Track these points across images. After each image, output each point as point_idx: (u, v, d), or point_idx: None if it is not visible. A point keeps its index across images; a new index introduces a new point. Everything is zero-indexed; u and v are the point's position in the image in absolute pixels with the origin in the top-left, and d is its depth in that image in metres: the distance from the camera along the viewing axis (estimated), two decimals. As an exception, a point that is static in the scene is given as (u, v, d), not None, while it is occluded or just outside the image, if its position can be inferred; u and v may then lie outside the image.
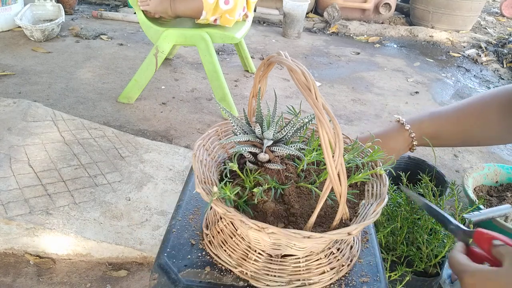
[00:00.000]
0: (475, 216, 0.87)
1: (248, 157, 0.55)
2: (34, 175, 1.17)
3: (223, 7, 1.62)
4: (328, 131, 0.42)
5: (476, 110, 0.80)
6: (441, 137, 0.83)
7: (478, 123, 0.79)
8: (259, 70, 0.54)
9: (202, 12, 1.60)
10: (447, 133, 0.82)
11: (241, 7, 1.69)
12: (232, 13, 1.65)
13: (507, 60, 2.94)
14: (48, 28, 2.32)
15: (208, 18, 1.64)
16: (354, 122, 1.93)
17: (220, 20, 1.68)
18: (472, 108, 0.81)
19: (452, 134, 0.82)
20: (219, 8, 1.61)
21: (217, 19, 1.68)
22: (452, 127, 0.82)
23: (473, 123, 0.80)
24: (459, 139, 0.84)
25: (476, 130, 0.80)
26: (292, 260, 0.53)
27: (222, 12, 1.64)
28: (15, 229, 1.02)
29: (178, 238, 0.58)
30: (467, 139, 0.83)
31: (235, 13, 1.65)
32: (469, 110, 0.81)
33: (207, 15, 1.62)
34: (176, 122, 1.74)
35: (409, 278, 0.80)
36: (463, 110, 0.82)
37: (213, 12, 1.62)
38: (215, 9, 1.61)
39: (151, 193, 1.21)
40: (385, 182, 0.56)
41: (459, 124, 0.81)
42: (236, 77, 2.23)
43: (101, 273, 1.04)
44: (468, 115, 0.81)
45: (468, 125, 0.81)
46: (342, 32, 3.34)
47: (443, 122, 0.82)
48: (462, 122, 0.81)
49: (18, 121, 1.37)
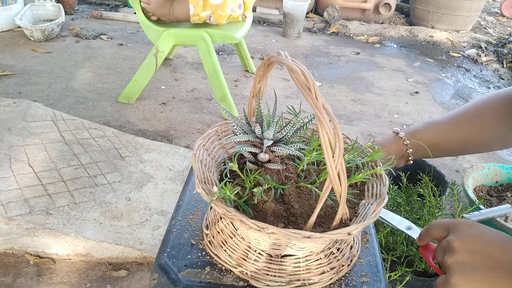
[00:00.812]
0: (475, 216, 0.87)
1: (248, 157, 0.55)
2: (34, 175, 1.17)
3: (213, 2, 1.62)
4: (328, 131, 0.42)
5: (472, 116, 0.79)
6: (440, 145, 0.81)
7: (475, 128, 0.79)
8: (259, 70, 0.54)
9: (189, 6, 1.60)
10: (445, 140, 0.81)
11: (232, 1, 1.68)
12: (224, 9, 1.65)
13: (507, 60, 2.94)
14: (48, 28, 2.32)
15: (199, 14, 1.63)
16: (354, 122, 1.93)
17: (214, 17, 1.68)
18: (468, 114, 0.80)
19: (450, 142, 0.81)
20: (209, 3, 1.61)
21: (211, 17, 1.67)
22: (449, 134, 0.81)
23: (470, 128, 0.79)
24: (458, 147, 0.82)
25: (474, 136, 0.79)
26: (292, 260, 0.53)
27: (214, 8, 1.64)
28: (15, 229, 1.02)
29: (178, 238, 0.58)
30: (466, 146, 0.82)
31: (226, 8, 1.65)
32: (465, 116, 0.80)
33: (195, 10, 1.61)
34: (176, 122, 1.74)
35: (409, 278, 0.80)
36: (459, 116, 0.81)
37: (203, 7, 1.62)
38: (205, 4, 1.61)
39: (151, 193, 1.21)
40: (385, 182, 0.56)
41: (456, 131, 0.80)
42: (236, 77, 2.24)
43: (101, 273, 1.04)
44: (465, 121, 0.80)
45: (465, 131, 0.79)
46: (342, 32, 3.34)
47: (440, 129, 0.81)
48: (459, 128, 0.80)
49: (18, 121, 1.37)
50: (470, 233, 0.52)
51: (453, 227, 0.54)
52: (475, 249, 0.50)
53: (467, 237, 0.51)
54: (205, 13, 1.64)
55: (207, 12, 1.65)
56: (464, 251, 0.50)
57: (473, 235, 0.51)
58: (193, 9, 1.61)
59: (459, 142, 0.81)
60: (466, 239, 0.51)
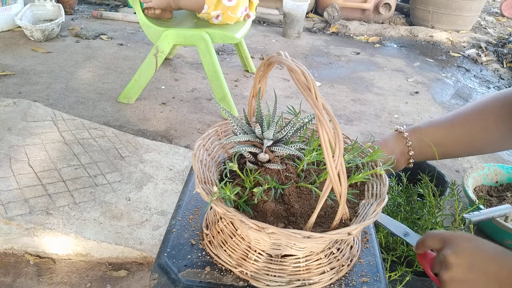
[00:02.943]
0: (475, 216, 0.87)
1: (248, 157, 0.55)
2: (34, 175, 1.17)
3: (226, 4, 1.62)
4: (328, 131, 0.42)
5: (474, 116, 0.79)
6: (442, 144, 0.81)
7: (477, 128, 0.78)
8: (259, 70, 0.54)
9: (204, 5, 1.60)
10: (447, 140, 0.80)
11: (243, 5, 1.69)
12: (235, 11, 1.66)
13: (507, 60, 2.94)
14: (48, 28, 2.32)
15: (210, 13, 1.64)
16: (354, 122, 1.93)
17: (222, 17, 1.68)
18: (469, 113, 0.79)
19: (452, 141, 0.80)
20: (222, 4, 1.62)
21: (219, 16, 1.68)
22: (450, 133, 0.80)
23: (472, 128, 0.78)
24: (461, 147, 0.81)
25: (475, 136, 0.79)
26: (292, 260, 0.53)
27: (225, 9, 1.64)
28: (15, 229, 1.02)
29: (178, 238, 0.58)
30: (468, 147, 0.81)
31: (237, 10, 1.66)
32: (467, 115, 0.80)
33: (209, 9, 1.62)
34: (176, 122, 1.74)
35: (409, 278, 0.80)
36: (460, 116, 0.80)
37: (215, 7, 1.62)
38: (218, 4, 1.62)
39: (151, 193, 1.21)
40: (385, 182, 0.56)
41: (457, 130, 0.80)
42: (236, 77, 2.23)
43: (101, 273, 1.04)
44: (466, 121, 0.79)
45: (466, 131, 0.79)
46: (342, 32, 3.34)
47: (441, 128, 0.81)
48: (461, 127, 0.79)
49: (18, 121, 1.37)
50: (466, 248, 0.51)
51: (449, 240, 0.53)
52: (471, 265, 0.49)
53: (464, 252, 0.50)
54: (215, 12, 1.65)
55: (217, 12, 1.65)
56: (460, 266, 0.49)
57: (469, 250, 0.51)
58: (207, 8, 1.62)
59: (460, 143, 0.80)
60: (462, 254, 0.50)
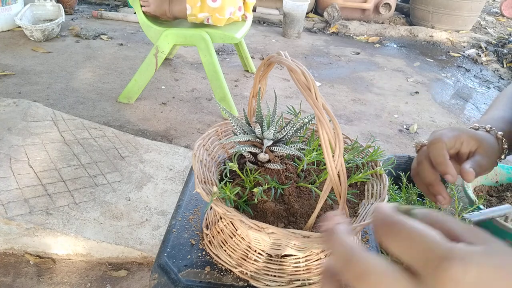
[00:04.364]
0: (475, 216, 0.87)
1: (248, 157, 0.55)
2: (34, 175, 1.17)
3: (211, 5, 1.62)
4: (328, 131, 0.42)
5: None
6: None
7: None
8: (259, 70, 0.54)
9: (187, 6, 1.61)
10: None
11: (230, 5, 1.69)
12: (221, 12, 1.65)
13: (507, 60, 2.94)
14: (48, 28, 2.32)
15: (196, 15, 1.64)
16: (354, 122, 1.93)
17: (212, 20, 1.68)
18: None
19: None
20: (207, 5, 1.62)
21: (209, 19, 1.68)
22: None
23: None
24: None
25: None
26: (292, 260, 0.53)
27: (212, 11, 1.64)
28: (15, 229, 1.02)
29: (178, 238, 0.58)
30: None
31: (224, 11, 1.66)
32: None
33: (193, 10, 1.62)
34: (176, 122, 1.74)
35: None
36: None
37: (201, 9, 1.62)
38: (202, 6, 1.62)
39: (151, 193, 1.21)
40: (385, 182, 0.56)
41: None
42: (236, 77, 2.23)
43: (101, 273, 1.04)
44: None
45: None
46: (342, 32, 3.34)
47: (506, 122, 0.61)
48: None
49: (18, 121, 1.37)
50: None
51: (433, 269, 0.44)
52: None
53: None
54: (202, 14, 1.65)
55: (205, 14, 1.65)
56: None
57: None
58: (190, 9, 1.62)
59: None
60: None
